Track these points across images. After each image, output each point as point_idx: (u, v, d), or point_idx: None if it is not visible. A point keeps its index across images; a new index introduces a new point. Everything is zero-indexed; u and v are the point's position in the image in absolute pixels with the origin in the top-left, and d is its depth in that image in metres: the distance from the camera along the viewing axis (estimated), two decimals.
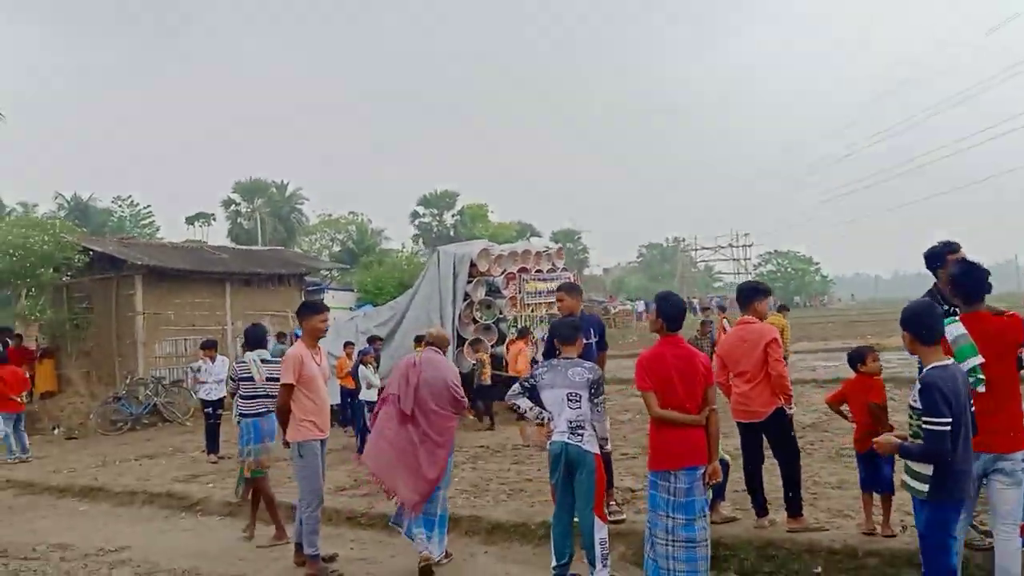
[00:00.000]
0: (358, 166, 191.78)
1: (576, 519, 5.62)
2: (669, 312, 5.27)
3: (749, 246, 79.23)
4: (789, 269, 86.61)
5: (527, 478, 9.74)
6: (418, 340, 13.75)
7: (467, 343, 15.47)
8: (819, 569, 5.45)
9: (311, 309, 6.88)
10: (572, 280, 17.26)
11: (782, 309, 17.46)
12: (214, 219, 58.15)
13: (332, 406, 15.71)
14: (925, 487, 4.10)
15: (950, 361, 4.21)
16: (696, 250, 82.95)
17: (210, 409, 12.86)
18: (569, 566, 5.65)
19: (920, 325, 4.22)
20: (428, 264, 16.36)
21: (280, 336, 17.84)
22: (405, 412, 6.40)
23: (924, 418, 4.01)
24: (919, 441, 4.08)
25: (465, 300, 15.69)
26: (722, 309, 23.27)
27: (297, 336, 18.04)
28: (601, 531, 5.47)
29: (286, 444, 6.70)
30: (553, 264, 16.87)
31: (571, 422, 5.54)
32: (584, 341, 6.31)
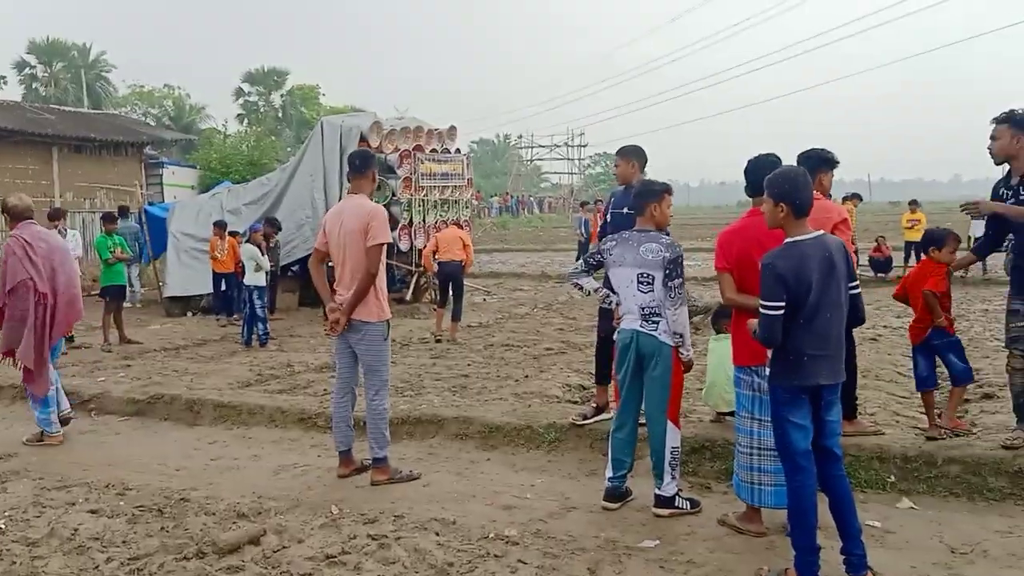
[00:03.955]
0: (173, 34, 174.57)
1: (643, 422, 4.77)
2: (751, 176, 4.39)
3: (584, 146, 79.96)
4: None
5: (461, 373, 8.86)
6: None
7: None
8: (892, 479, 4.92)
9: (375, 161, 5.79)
10: (467, 162, 16.10)
11: (854, 197, 16.69)
12: (5, 82, 51.14)
13: (204, 294, 14.27)
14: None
15: (809, 235, 3.73)
16: (531, 147, 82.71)
17: None
18: (626, 478, 4.81)
19: (797, 195, 3.74)
20: (311, 137, 14.63)
21: (122, 210, 15.54)
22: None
23: (760, 301, 3.71)
24: None
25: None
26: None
27: (149, 211, 16.19)
28: (674, 438, 4.62)
29: None
30: (445, 145, 15.59)
31: (643, 308, 4.60)
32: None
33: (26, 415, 7.21)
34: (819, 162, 5.27)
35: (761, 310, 3.71)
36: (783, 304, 3.66)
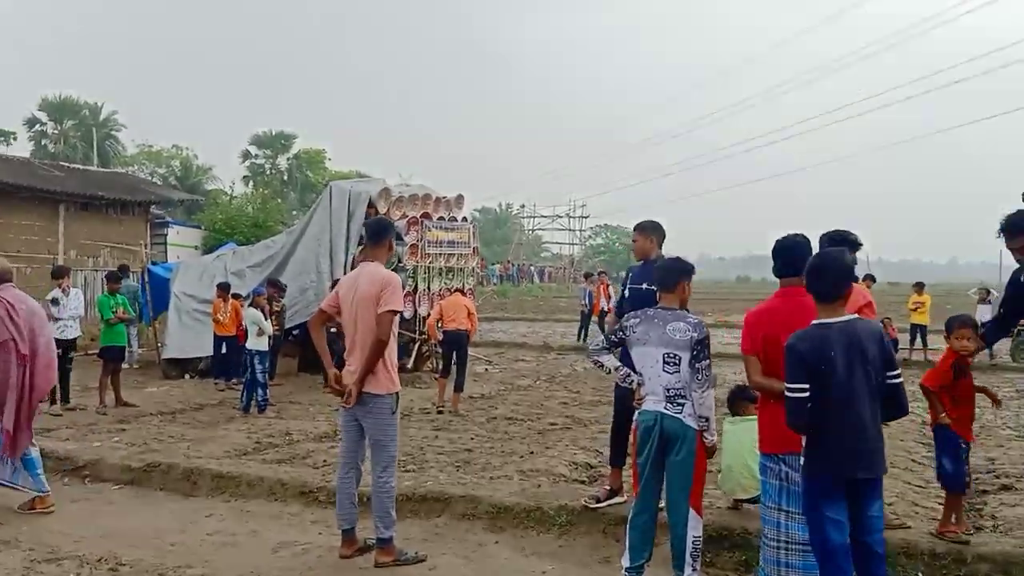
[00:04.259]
0: (183, 95, 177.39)
1: (663, 509, 4.58)
2: (780, 257, 4.30)
3: (585, 217, 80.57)
4: (617, 244, 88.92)
5: (464, 447, 8.67)
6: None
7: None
8: (920, 575, 4.72)
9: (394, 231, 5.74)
10: (473, 230, 16.12)
11: (867, 278, 15.50)
12: (15, 138, 51.74)
13: (204, 357, 14.07)
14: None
15: (838, 319, 3.66)
16: (532, 217, 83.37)
17: (60, 351, 10.65)
18: (644, 569, 4.58)
19: (817, 283, 3.74)
20: (319, 201, 14.64)
21: (123, 269, 15.44)
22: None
23: (785, 383, 3.67)
24: None
25: (360, 244, 14.15)
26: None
27: (152, 271, 16.10)
28: (696, 527, 4.42)
29: None
30: (452, 213, 15.61)
31: (668, 389, 4.45)
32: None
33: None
34: (842, 243, 5.19)
35: (786, 392, 3.63)
36: (806, 387, 3.58)
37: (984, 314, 14.27)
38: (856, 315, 3.74)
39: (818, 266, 3.73)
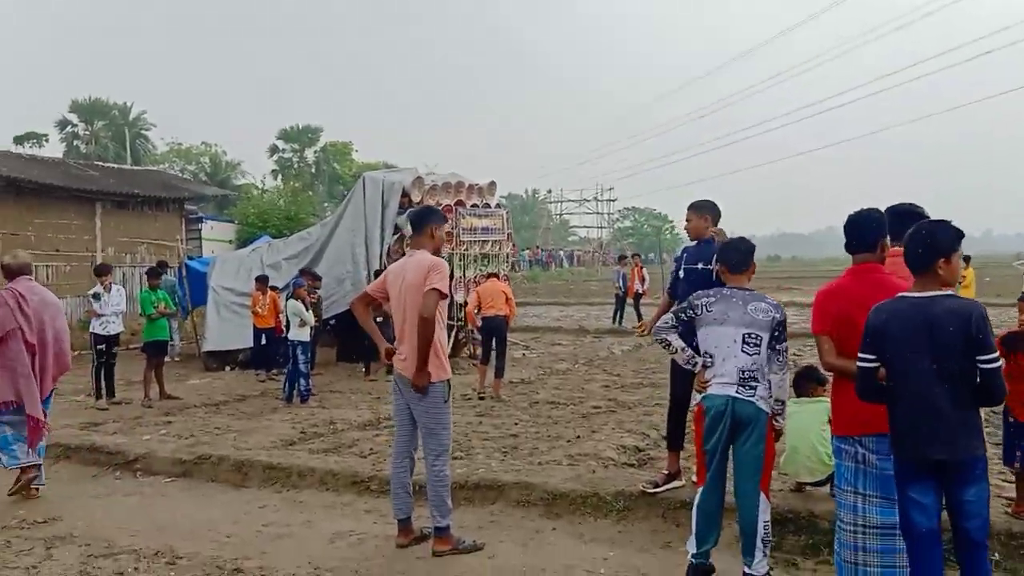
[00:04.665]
0: (211, 93, 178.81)
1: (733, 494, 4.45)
2: (851, 232, 4.10)
3: (613, 200, 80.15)
4: (645, 226, 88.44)
5: (510, 432, 8.61)
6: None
7: None
8: (996, 556, 4.55)
9: (441, 217, 5.55)
10: (507, 216, 16.01)
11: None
12: (47, 140, 52.46)
13: (243, 349, 14.12)
14: None
15: (921, 294, 3.47)
16: (560, 202, 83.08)
17: (103, 346, 10.79)
18: (710, 554, 4.48)
19: (906, 250, 3.59)
20: (352, 191, 14.60)
21: (161, 265, 15.51)
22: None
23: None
24: None
25: (395, 233, 14.11)
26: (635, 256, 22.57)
27: (189, 266, 16.20)
28: (766, 512, 4.29)
29: None
30: (485, 200, 15.51)
31: (743, 371, 4.30)
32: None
33: (68, 477, 7.08)
34: (909, 216, 4.94)
35: (857, 361, 3.56)
36: (871, 358, 3.48)
37: None
38: (949, 292, 3.52)
39: (908, 236, 3.56)
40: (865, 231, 4.01)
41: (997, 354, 3.39)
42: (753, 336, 4.32)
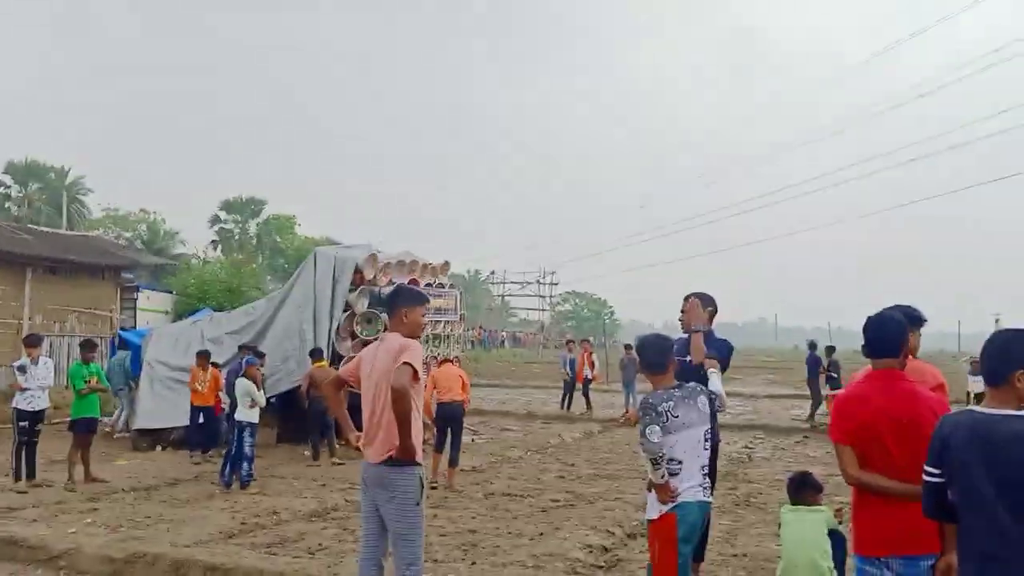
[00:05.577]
0: (153, 161, 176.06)
1: None
2: (873, 334, 3.86)
3: (555, 284, 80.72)
4: (585, 310, 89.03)
5: (467, 527, 8.14)
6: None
7: (344, 360, 13.43)
8: None
9: (415, 298, 5.02)
10: (459, 297, 15.71)
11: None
12: None
13: (176, 427, 13.35)
14: None
15: (984, 410, 3.08)
16: (502, 283, 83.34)
17: (26, 423, 10.03)
18: None
19: (985, 362, 3.14)
20: (303, 266, 14.19)
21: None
22: None
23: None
24: None
25: (346, 310, 13.68)
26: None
27: (123, 338, 15.44)
28: None
29: None
30: (438, 280, 15.23)
31: (704, 467, 4.37)
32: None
33: None
34: (907, 320, 4.79)
35: (923, 475, 3.17)
36: (935, 472, 3.09)
37: (979, 385, 13.99)
38: None
39: (984, 345, 3.19)
40: (889, 335, 3.78)
41: None
42: (709, 431, 4.41)
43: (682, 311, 5.52)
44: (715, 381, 4.81)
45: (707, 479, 4.39)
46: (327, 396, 5.12)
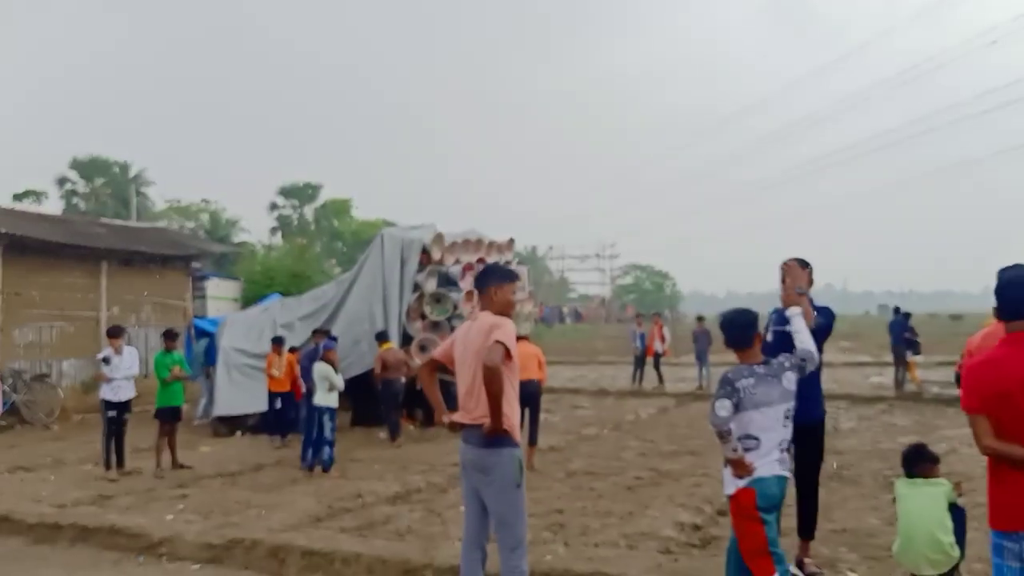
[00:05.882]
0: (211, 150, 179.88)
1: None
2: (1013, 294, 3.57)
3: (615, 257, 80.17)
4: (647, 283, 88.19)
5: (553, 507, 7.99)
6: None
7: (415, 341, 13.43)
8: None
9: (505, 276, 4.95)
10: (528, 273, 15.57)
11: None
12: (46, 197, 52.34)
13: (254, 413, 13.49)
14: None
15: None
16: (561, 259, 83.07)
17: (114, 413, 10.21)
18: None
19: None
20: (369, 249, 14.19)
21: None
22: None
23: None
24: None
25: (414, 291, 13.65)
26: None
27: (198, 326, 15.67)
28: None
29: None
30: (505, 257, 15.08)
31: (781, 443, 4.27)
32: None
33: (87, 562, 6.45)
34: None
35: None
36: None
37: None
38: None
39: None
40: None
41: None
42: (791, 408, 4.31)
43: (781, 280, 5.26)
44: (804, 336, 4.57)
45: (785, 454, 4.30)
46: (422, 381, 5.01)
